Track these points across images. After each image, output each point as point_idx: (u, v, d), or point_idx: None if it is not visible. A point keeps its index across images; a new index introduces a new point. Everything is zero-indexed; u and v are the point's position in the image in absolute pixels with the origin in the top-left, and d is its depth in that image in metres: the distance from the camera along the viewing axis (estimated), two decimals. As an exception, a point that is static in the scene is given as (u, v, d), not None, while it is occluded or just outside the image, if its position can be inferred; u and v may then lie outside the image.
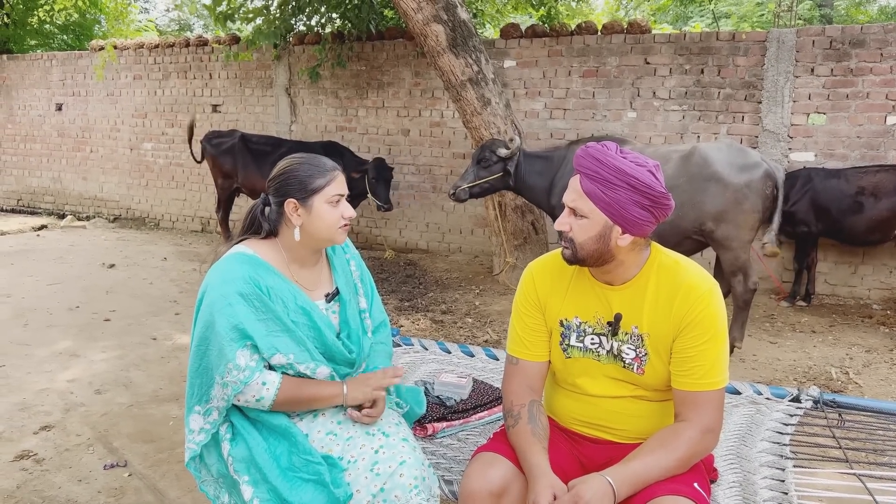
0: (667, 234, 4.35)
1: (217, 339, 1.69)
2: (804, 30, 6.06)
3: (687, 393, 1.61)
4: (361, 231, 8.15)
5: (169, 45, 9.19)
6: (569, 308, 1.74)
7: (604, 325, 1.70)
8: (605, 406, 1.72)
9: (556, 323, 1.76)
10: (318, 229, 1.82)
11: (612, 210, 1.55)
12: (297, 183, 1.79)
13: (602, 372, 1.72)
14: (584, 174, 1.58)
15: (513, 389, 1.77)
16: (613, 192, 1.54)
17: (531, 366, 1.78)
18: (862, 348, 4.69)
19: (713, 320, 1.59)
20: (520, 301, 1.81)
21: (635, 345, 1.67)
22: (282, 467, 1.68)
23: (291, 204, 1.80)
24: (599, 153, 1.56)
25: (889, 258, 5.82)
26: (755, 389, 2.37)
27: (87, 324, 4.93)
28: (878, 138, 5.76)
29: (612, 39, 6.63)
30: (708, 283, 1.62)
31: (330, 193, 1.80)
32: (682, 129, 6.42)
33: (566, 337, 1.74)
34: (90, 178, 10.14)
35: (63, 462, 2.96)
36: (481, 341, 4.69)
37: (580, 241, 1.60)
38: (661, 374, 1.66)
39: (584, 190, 1.57)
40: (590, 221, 1.58)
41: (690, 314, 1.59)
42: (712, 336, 1.59)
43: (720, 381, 1.60)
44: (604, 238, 1.58)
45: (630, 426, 1.72)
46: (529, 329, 1.78)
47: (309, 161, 1.83)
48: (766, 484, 1.82)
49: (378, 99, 7.85)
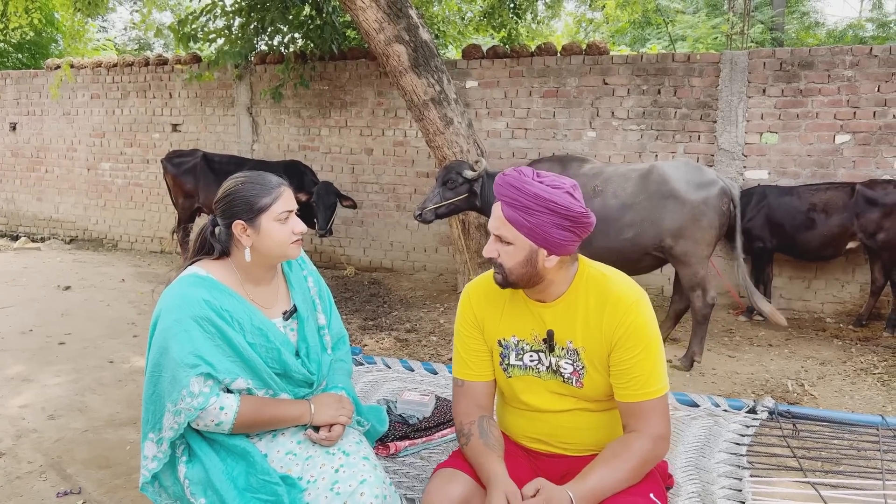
0: (627, 251, 4.42)
1: (171, 365, 1.65)
2: (756, 52, 6.26)
3: (630, 404, 1.64)
4: (325, 250, 8.10)
5: (128, 64, 9.07)
6: (506, 328, 1.77)
7: (540, 342, 1.72)
8: (552, 421, 1.75)
9: (494, 343, 1.78)
10: (269, 248, 1.80)
11: (535, 234, 1.58)
12: (243, 203, 1.77)
13: (544, 388, 1.74)
14: (505, 202, 1.60)
15: (461, 410, 1.79)
16: (534, 218, 1.57)
17: (477, 386, 1.80)
18: (816, 361, 4.80)
19: (644, 330, 1.62)
20: (460, 323, 1.84)
21: (572, 359, 1.69)
22: (239, 488, 1.65)
23: (239, 225, 1.77)
24: (517, 180, 1.59)
25: (841, 273, 5.99)
26: (713, 402, 2.41)
27: (41, 347, 4.79)
28: (827, 156, 5.95)
29: (572, 60, 6.75)
30: (634, 294, 1.65)
31: (277, 211, 1.78)
32: (640, 148, 6.55)
33: (505, 357, 1.77)
34: (45, 199, 9.91)
35: (14, 490, 2.86)
36: (446, 359, 4.68)
37: (509, 266, 1.63)
38: (600, 386, 1.69)
39: (507, 217, 1.60)
40: (515, 247, 1.61)
41: (621, 327, 1.62)
42: (645, 346, 1.62)
43: (661, 389, 1.63)
44: (531, 261, 1.61)
45: (579, 439, 1.75)
46: (472, 351, 1.80)
47: (253, 180, 1.80)
48: (724, 493, 1.85)
49: (341, 118, 7.85)
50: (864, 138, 5.83)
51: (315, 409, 1.79)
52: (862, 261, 5.80)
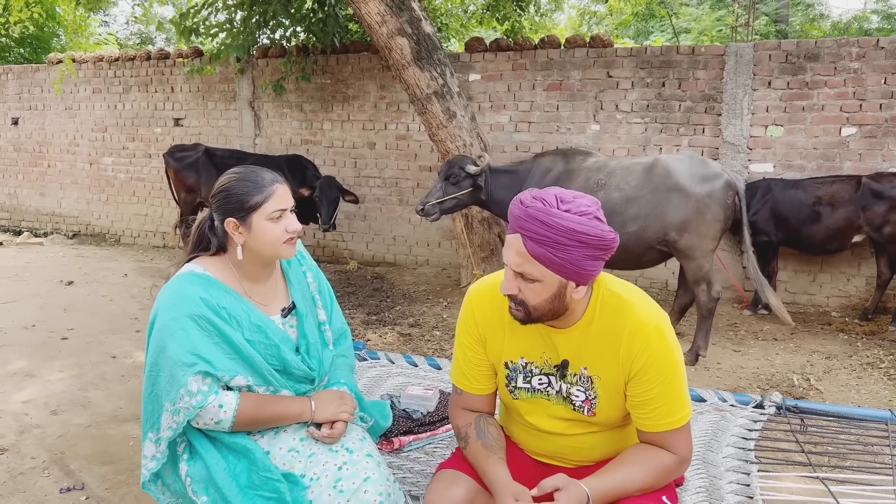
0: (631, 245, 4.39)
1: (168, 364, 1.63)
2: (761, 44, 6.21)
3: (654, 434, 1.56)
4: (328, 245, 8.08)
5: (129, 58, 9.05)
6: (512, 348, 1.67)
7: (551, 367, 1.64)
8: (559, 441, 1.69)
9: (500, 364, 1.70)
10: (260, 246, 1.76)
11: (566, 269, 1.44)
12: (235, 201, 1.73)
13: (552, 413, 1.66)
14: (529, 237, 1.44)
15: (458, 414, 1.76)
16: (566, 253, 1.42)
17: (476, 397, 1.75)
18: (822, 355, 4.77)
19: (665, 359, 1.52)
20: (461, 331, 1.74)
21: (585, 386, 1.60)
22: (241, 486, 1.63)
23: (231, 223, 1.75)
24: (544, 214, 1.42)
25: (846, 266, 5.96)
26: (720, 397, 2.39)
27: (44, 343, 4.78)
28: (833, 149, 5.91)
29: (575, 53, 6.71)
30: (654, 320, 1.53)
31: (269, 210, 1.74)
32: (644, 142, 6.52)
33: (512, 379, 1.68)
34: (48, 194, 9.91)
35: (17, 486, 2.86)
36: (449, 353, 4.66)
37: (534, 304, 1.50)
38: (612, 415, 1.61)
39: (533, 254, 1.44)
40: (543, 285, 1.47)
41: (640, 358, 1.51)
42: (667, 375, 1.52)
43: (684, 417, 1.54)
44: (559, 297, 1.49)
45: (588, 456, 1.70)
46: (472, 364, 1.72)
47: (246, 177, 1.76)
48: (732, 489, 1.83)
49: (343, 112, 7.82)
50: (870, 131, 5.78)
51: (316, 407, 1.77)
52: (868, 254, 5.77)
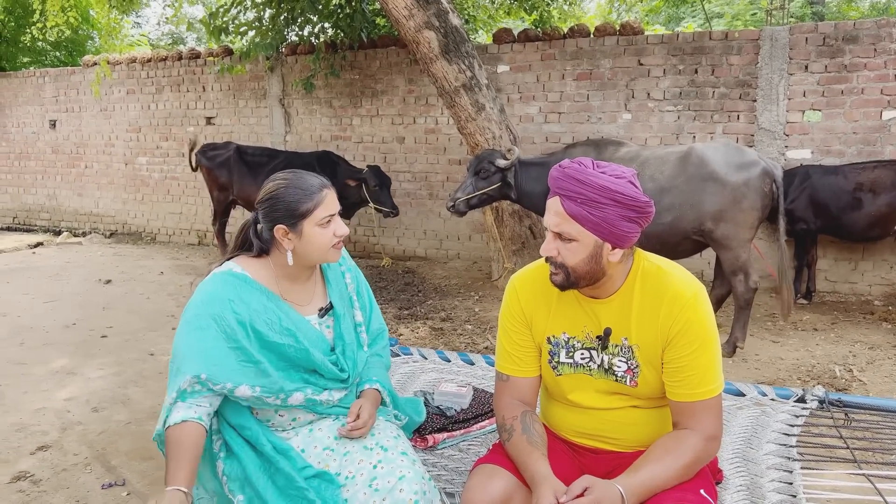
0: (666, 236, 4.32)
1: (178, 356, 1.66)
2: (797, 27, 6.05)
3: (683, 404, 1.57)
4: (359, 240, 8.12)
5: (161, 58, 9.18)
6: (556, 324, 1.70)
7: (593, 340, 1.66)
8: (601, 417, 1.69)
9: (543, 340, 1.72)
10: (310, 252, 1.78)
11: (602, 229, 1.51)
12: (284, 208, 1.74)
13: (595, 386, 1.68)
14: (567, 196, 1.52)
15: (504, 404, 1.74)
16: (601, 211, 1.50)
17: (522, 382, 1.75)
18: (865, 345, 4.65)
19: (700, 326, 1.55)
20: (505, 317, 1.78)
21: (626, 357, 1.63)
22: (278, 486, 1.64)
23: (281, 230, 1.75)
24: (579, 173, 1.51)
25: (889, 253, 5.80)
26: (759, 391, 2.34)
27: (84, 341, 4.89)
28: (874, 133, 5.74)
29: (605, 42, 6.62)
30: (692, 289, 1.57)
31: (320, 216, 1.75)
32: (677, 130, 6.40)
33: (554, 354, 1.71)
34: (85, 195, 10.12)
35: (60, 483, 2.92)
36: (481, 348, 4.65)
37: (572, 264, 1.55)
38: (653, 385, 1.63)
39: (569, 213, 1.52)
40: (579, 244, 1.53)
41: (677, 323, 1.56)
42: (702, 343, 1.55)
43: (716, 388, 1.56)
44: (595, 257, 1.54)
45: (628, 435, 1.68)
46: (517, 345, 1.75)
47: (295, 184, 1.75)
48: (774, 486, 1.79)
49: (372, 107, 7.83)
50: (913, 114, 5.61)
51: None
52: (912, 241, 5.61)
